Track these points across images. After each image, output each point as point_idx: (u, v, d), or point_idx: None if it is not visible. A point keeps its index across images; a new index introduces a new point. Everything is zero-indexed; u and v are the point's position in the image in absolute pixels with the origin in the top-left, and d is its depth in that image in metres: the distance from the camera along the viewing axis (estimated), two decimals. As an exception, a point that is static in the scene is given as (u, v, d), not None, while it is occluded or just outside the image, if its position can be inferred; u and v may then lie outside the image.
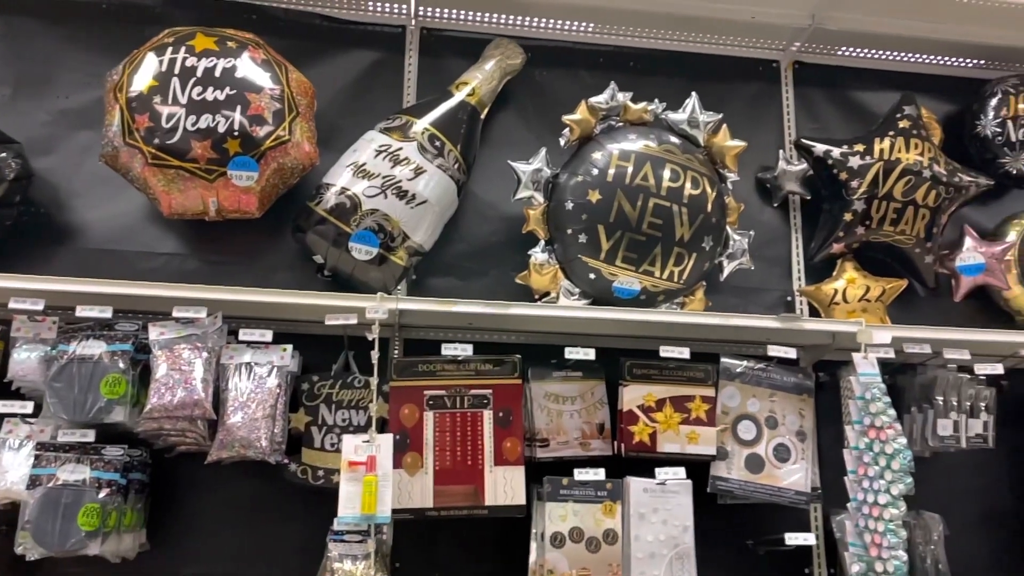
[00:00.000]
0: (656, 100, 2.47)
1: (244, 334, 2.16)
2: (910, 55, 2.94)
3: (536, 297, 2.41)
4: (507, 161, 2.42)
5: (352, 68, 2.66)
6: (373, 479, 1.98)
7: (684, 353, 2.25)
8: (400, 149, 2.32)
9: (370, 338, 2.11)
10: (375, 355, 2.11)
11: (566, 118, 2.40)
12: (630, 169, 2.33)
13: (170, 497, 2.29)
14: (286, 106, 2.26)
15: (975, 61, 2.98)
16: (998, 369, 2.38)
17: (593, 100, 2.41)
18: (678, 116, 2.46)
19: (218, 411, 2.11)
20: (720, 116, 2.47)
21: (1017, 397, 2.64)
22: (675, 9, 2.67)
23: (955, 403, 2.41)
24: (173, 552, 2.27)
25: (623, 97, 2.43)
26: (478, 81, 2.54)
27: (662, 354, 2.24)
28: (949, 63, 2.98)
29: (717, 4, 2.66)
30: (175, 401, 2.05)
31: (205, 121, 2.16)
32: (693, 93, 2.47)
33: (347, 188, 2.27)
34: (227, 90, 2.20)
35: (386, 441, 2.05)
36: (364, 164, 2.30)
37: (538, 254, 2.39)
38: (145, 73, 2.19)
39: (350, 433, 2.14)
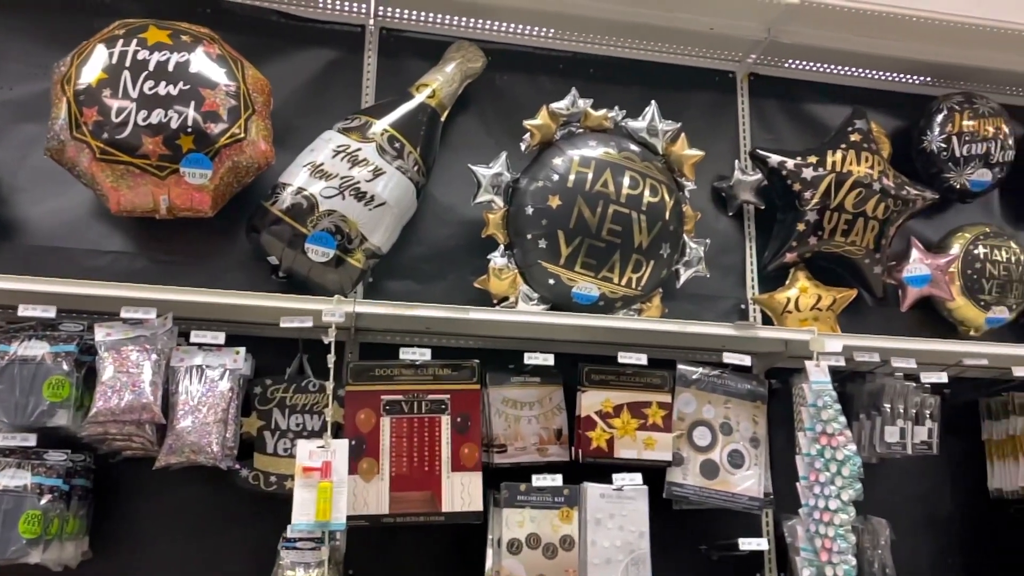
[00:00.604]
0: (616, 107, 2.49)
1: (195, 336, 2.10)
2: (861, 70, 3.01)
3: (495, 302, 2.40)
4: (467, 165, 2.41)
5: (310, 67, 2.62)
6: (328, 485, 1.94)
7: (642, 359, 2.26)
8: (359, 150, 2.29)
9: (326, 341, 2.07)
10: (331, 359, 2.07)
11: (527, 123, 2.40)
12: (590, 175, 2.33)
13: (114, 504, 2.21)
14: (242, 103, 2.21)
15: (922, 78, 3.07)
16: (943, 378, 2.45)
17: (554, 105, 2.41)
18: (638, 124, 2.47)
19: (167, 415, 2.05)
20: (679, 125, 2.50)
21: (958, 405, 2.72)
22: (635, 18, 2.69)
23: (902, 411, 2.47)
24: (117, 561, 2.19)
25: (584, 103, 2.44)
26: (439, 83, 2.52)
27: (620, 360, 2.25)
28: (898, 79, 3.06)
29: (676, 14, 2.69)
30: (122, 405, 1.98)
31: (157, 116, 2.10)
32: (653, 102, 2.49)
33: (304, 188, 2.23)
34: (180, 85, 2.14)
35: (341, 446, 2.01)
36: (322, 164, 2.27)
37: (497, 259, 2.38)
38: (94, 65, 2.11)
39: (304, 438, 2.09)
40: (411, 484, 2.12)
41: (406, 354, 2.19)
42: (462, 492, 2.12)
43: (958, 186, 2.85)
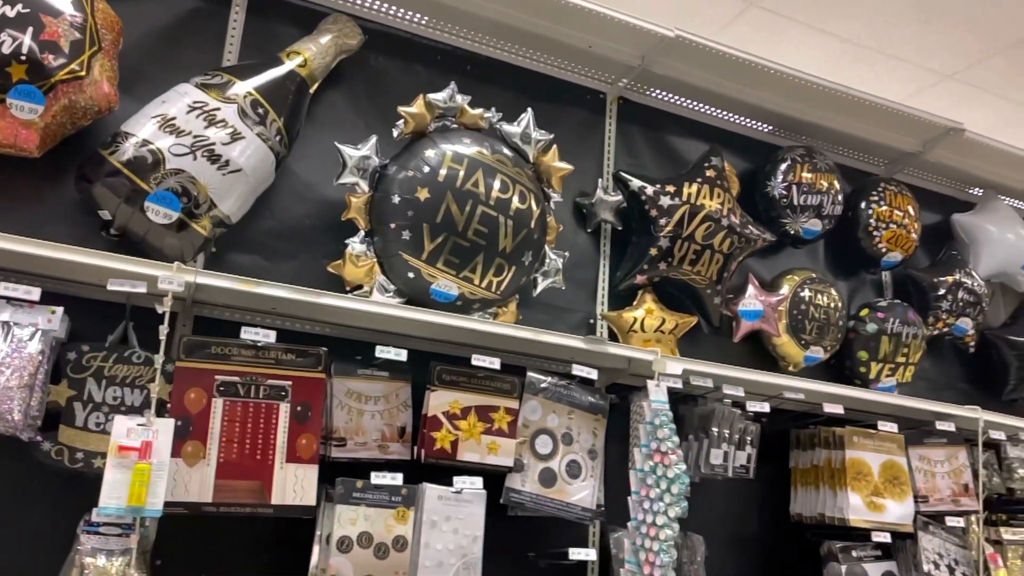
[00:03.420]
0: (493, 108, 2.47)
1: (4, 289, 1.84)
2: (721, 112, 3.19)
3: (348, 289, 2.30)
4: (334, 143, 2.30)
5: (169, 11, 2.40)
6: (146, 467, 1.77)
7: (495, 364, 2.24)
8: (217, 109, 2.13)
9: (160, 311, 1.90)
10: (164, 330, 1.89)
11: (402, 109, 2.33)
12: (462, 173, 2.29)
13: None
14: (87, 38, 2.00)
15: (772, 128, 3.30)
16: (765, 407, 2.61)
17: (432, 96, 2.36)
18: (512, 129, 2.47)
19: (-42, 375, 1.79)
20: (552, 136, 2.52)
21: (772, 434, 2.92)
22: (520, 23, 2.69)
23: (727, 435, 2.61)
24: None
25: (461, 99, 2.40)
26: (311, 53, 2.39)
27: (474, 362, 2.22)
28: (751, 125, 3.27)
29: (558, 26, 2.72)
30: (-96, 358, 1.70)
31: (-13, 36, 1.85)
32: (529, 109, 2.50)
33: (150, 141, 2.04)
34: (19, 7, 1.91)
35: (165, 426, 1.84)
36: (174, 119, 2.08)
37: (356, 244, 2.29)
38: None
39: (122, 414, 1.89)
40: (239, 472, 1.97)
41: (248, 334, 2.04)
42: (295, 485, 2.00)
43: (792, 232, 3.08)
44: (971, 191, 3.79)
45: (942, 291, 3.34)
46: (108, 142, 2.04)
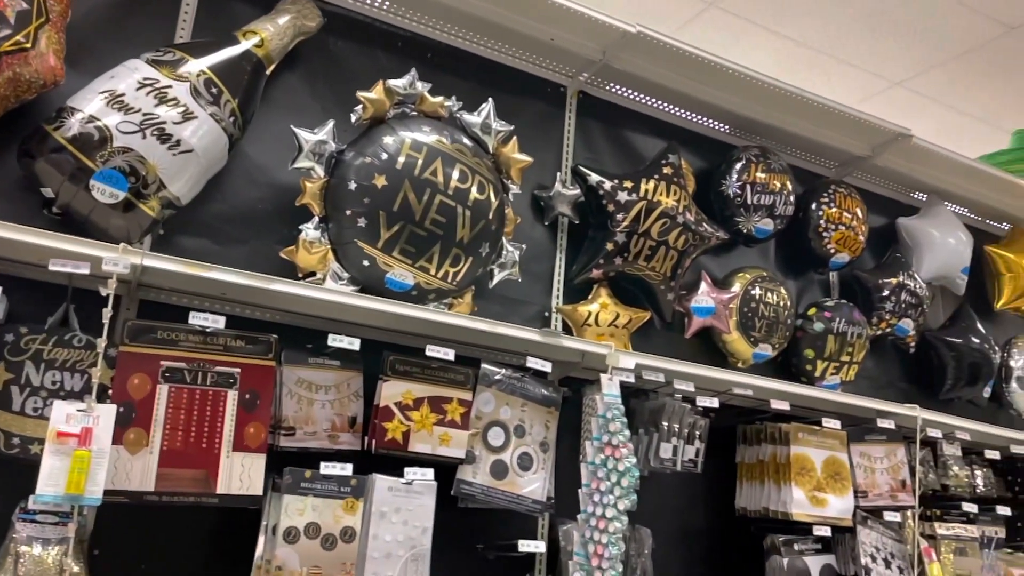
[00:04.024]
0: (453, 97, 2.45)
1: (-63, 266, 1.77)
2: (679, 109, 3.21)
3: (300, 276, 2.26)
4: (290, 126, 2.25)
5: (120, -16, 2.32)
6: (86, 455, 1.71)
7: (449, 355, 2.23)
8: (169, 87, 2.07)
9: (104, 293, 1.83)
10: (107, 313, 1.83)
11: (361, 94, 2.29)
12: (420, 161, 2.27)
13: None
14: (34, 9, 1.93)
15: (728, 127, 3.33)
16: (714, 402, 2.65)
17: (392, 82, 2.32)
18: (473, 119, 2.45)
19: None
20: (512, 128, 2.51)
21: (720, 429, 2.96)
22: (482, 12, 2.66)
23: (677, 429, 2.64)
24: None
25: (422, 86, 2.37)
26: (269, 33, 2.34)
27: (428, 353, 2.20)
28: (708, 124, 3.30)
29: (521, 17, 2.70)
30: None
31: (-76, 2, 1.76)
32: (490, 99, 2.48)
33: (97, 118, 1.97)
34: (-39, -29, 1.82)
35: (107, 412, 1.78)
36: (123, 95, 2.02)
37: (310, 231, 2.24)
38: None
39: (61, 399, 1.82)
40: (184, 461, 1.92)
41: (196, 319, 1.99)
42: (242, 474, 1.96)
43: (745, 231, 3.12)
44: (916, 196, 3.89)
45: (886, 292, 3.43)
46: (53, 117, 1.96)
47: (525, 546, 2.31)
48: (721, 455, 3.04)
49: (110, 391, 1.92)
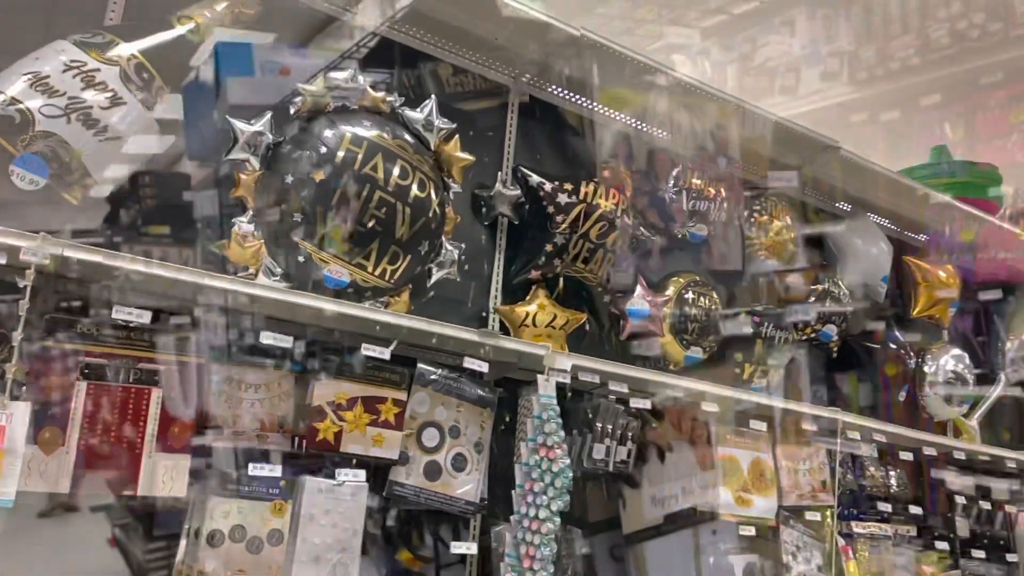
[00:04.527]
0: (396, 93, 2.41)
1: None
2: (619, 113, 3.22)
3: (232, 270, 2.19)
4: (225, 116, 2.18)
5: (45, -39, 2.22)
6: (-2, 455, 1.63)
7: (384, 354, 2.20)
8: (97, 71, 2.00)
9: (22, 285, 1.75)
10: (24, 306, 1.75)
11: (301, 86, 2.24)
12: (360, 156, 2.22)
13: None
14: (-51, -18, 1.82)
15: (664, 132, 3.36)
16: (647, 404, 2.69)
17: (332, 75, 2.28)
18: (415, 115, 2.41)
19: None
20: (454, 125, 2.48)
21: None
22: (423, 7, 2.62)
23: (610, 430, 2.67)
24: None
25: (363, 80, 2.33)
26: (205, 20, 2.27)
27: (363, 352, 2.17)
28: (648, 129, 3.33)
29: (465, 15, 2.68)
30: None
31: None
32: (433, 96, 2.45)
33: (19, 100, 1.89)
34: None
35: (21, 410, 1.71)
36: (47, 77, 1.94)
37: (243, 224, 2.18)
38: None
39: (-28, 396, 1.74)
40: (103, 462, 1.85)
41: (120, 313, 1.92)
42: (164, 475, 1.90)
43: (680, 235, 3.17)
44: (841, 206, 4.02)
45: (812, 299, 3.54)
46: (-30, 98, 1.87)
47: (457, 547, 2.30)
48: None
49: (25, 388, 1.82)
